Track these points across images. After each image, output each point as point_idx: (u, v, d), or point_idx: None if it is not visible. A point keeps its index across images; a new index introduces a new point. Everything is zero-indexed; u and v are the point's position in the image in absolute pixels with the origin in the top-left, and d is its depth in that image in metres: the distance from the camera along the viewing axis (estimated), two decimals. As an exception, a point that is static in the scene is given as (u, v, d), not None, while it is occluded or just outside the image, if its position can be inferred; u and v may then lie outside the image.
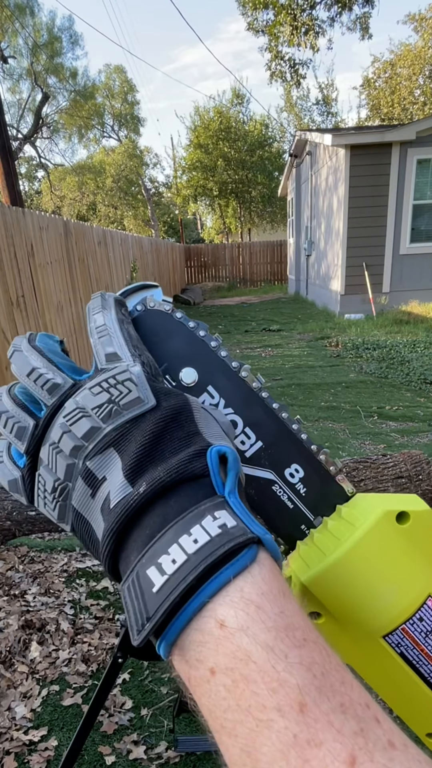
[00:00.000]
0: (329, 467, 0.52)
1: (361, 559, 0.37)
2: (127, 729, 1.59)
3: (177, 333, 0.53)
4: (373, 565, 0.37)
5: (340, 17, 11.40)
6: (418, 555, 0.37)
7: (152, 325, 0.53)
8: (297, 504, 0.52)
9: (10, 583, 2.24)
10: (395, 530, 0.38)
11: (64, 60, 20.70)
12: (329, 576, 0.37)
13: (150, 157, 27.43)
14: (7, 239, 3.81)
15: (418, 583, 0.37)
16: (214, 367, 0.53)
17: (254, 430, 0.53)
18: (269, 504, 0.52)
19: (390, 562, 0.37)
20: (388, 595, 0.37)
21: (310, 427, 4.13)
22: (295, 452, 0.53)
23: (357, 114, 30.12)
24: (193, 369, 0.52)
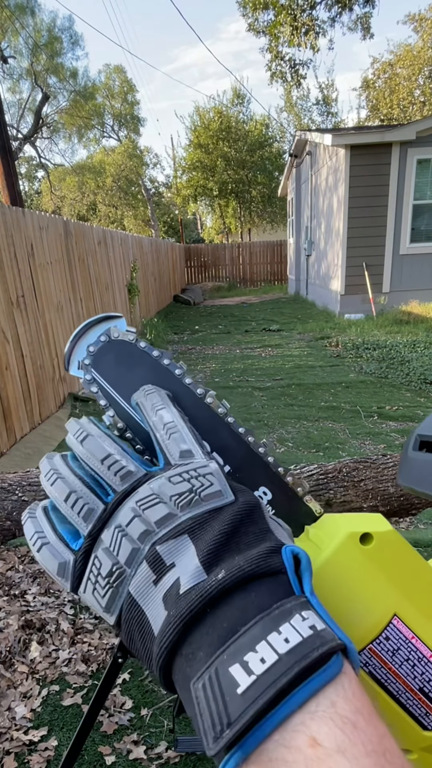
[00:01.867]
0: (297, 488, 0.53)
1: (326, 581, 0.37)
2: (127, 729, 1.59)
3: (141, 362, 0.54)
4: (338, 587, 0.37)
5: (340, 17, 11.41)
6: (382, 575, 0.38)
7: (117, 354, 0.54)
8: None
9: (10, 583, 2.24)
10: (359, 552, 0.38)
11: (64, 60, 20.72)
12: None
13: (150, 157, 27.45)
14: (7, 239, 3.81)
15: (384, 603, 0.37)
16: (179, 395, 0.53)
17: (221, 455, 0.53)
18: None
19: (355, 584, 0.38)
20: (354, 616, 0.37)
21: (310, 427, 4.13)
22: (263, 475, 0.53)
23: (357, 114, 30.12)
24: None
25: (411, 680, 0.38)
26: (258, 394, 5.21)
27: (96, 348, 0.54)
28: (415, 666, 0.38)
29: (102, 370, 0.54)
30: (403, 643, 0.38)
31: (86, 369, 0.54)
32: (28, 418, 4.10)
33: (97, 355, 0.54)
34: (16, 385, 3.87)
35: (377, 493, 1.62)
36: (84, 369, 0.54)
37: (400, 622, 0.38)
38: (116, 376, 0.53)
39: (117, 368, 0.53)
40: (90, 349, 0.54)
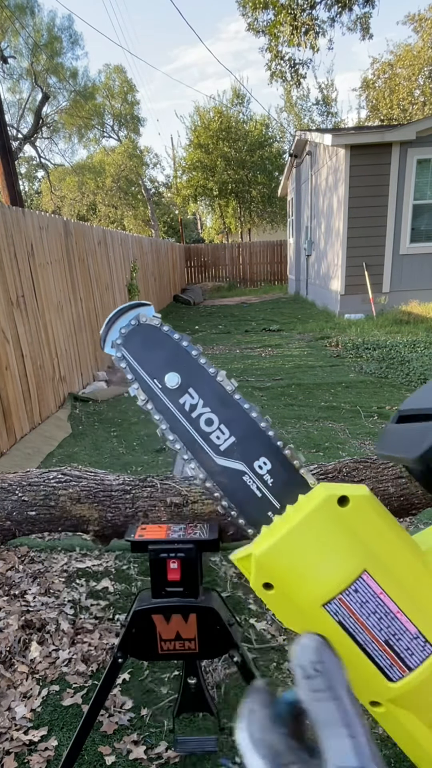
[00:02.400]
0: (293, 461, 0.58)
1: (303, 537, 0.42)
2: (127, 729, 1.59)
3: (164, 343, 0.62)
4: (315, 543, 0.41)
5: (340, 17, 11.40)
6: (355, 535, 0.41)
7: (144, 336, 0.63)
8: (265, 493, 0.58)
9: (10, 583, 2.24)
10: (336, 512, 0.42)
11: (64, 60, 20.71)
12: (276, 552, 0.42)
13: (150, 157, 27.43)
14: (7, 239, 3.81)
15: (355, 559, 0.41)
16: (194, 373, 0.61)
17: (228, 427, 0.60)
18: (241, 492, 0.59)
19: (329, 540, 0.41)
20: (327, 569, 0.41)
21: (310, 427, 4.13)
22: (264, 447, 0.60)
23: (357, 114, 30.13)
24: (177, 373, 0.61)
25: (377, 632, 0.41)
26: (258, 394, 5.21)
27: (127, 330, 0.62)
28: (381, 619, 0.41)
29: (131, 349, 0.62)
30: (371, 597, 0.41)
31: (118, 348, 0.63)
32: (28, 418, 4.10)
33: (128, 336, 0.62)
34: (16, 385, 3.87)
35: (377, 493, 1.62)
36: (116, 348, 0.63)
37: (369, 578, 0.41)
38: (142, 355, 0.62)
39: (143, 348, 0.62)
40: (122, 331, 0.63)
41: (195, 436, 0.61)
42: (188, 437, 0.61)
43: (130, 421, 4.60)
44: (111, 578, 2.31)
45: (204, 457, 0.60)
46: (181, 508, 1.15)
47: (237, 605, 2.12)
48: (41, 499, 1.66)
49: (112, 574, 2.34)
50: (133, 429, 4.39)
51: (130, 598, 2.17)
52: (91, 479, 1.29)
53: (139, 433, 4.29)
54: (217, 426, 0.60)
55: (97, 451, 3.93)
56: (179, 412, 0.61)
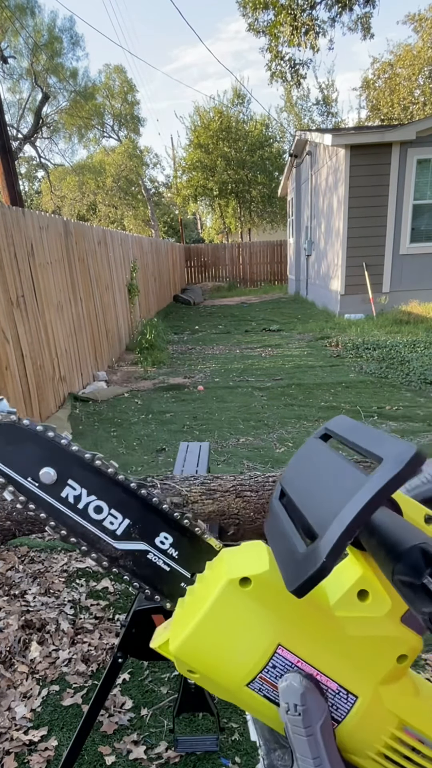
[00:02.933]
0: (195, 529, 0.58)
1: (212, 626, 0.42)
2: (127, 729, 1.59)
3: (27, 438, 0.58)
4: (225, 629, 0.42)
5: (340, 17, 11.39)
6: (263, 611, 0.42)
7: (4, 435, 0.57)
8: (172, 566, 0.58)
9: (10, 583, 2.24)
10: (239, 594, 0.42)
11: (64, 60, 20.69)
12: (190, 645, 0.43)
13: (150, 157, 27.42)
14: (7, 239, 3.81)
15: (267, 636, 0.42)
16: (69, 462, 0.58)
17: (120, 510, 0.58)
18: (148, 571, 0.58)
19: (239, 623, 0.42)
20: (242, 651, 0.42)
21: (310, 427, 4.13)
22: (161, 522, 0.59)
23: (357, 114, 30.13)
24: (51, 468, 0.57)
25: None
26: (258, 394, 5.21)
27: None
28: None
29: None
30: (289, 667, 0.43)
31: None
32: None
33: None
34: (16, 385, 3.87)
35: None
36: None
37: (284, 650, 0.42)
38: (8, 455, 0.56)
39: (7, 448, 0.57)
40: None
41: (87, 526, 0.58)
42: (80, 529, 0.58)
43: (130, 421, 4.60)
44: (111, 578, 2.31)
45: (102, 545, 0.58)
46: (181, 508, 1.15)
47: (237, 605, 2.11)
48: (41, 499, 1.66)
49: (112, 575, 2.34)
50: (133, 429, 4.39)
51: (130, 598, 2.17)
52: (91, 479, 1.30)
53: (139, 433, 4.29)
54: (107, 512, 0.58)
55: (97, 451, 3.92)
56: (64, 506, 0.57)
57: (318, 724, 0.39)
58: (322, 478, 0.44)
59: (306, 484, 0.46)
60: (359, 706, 0.42)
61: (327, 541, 0.37)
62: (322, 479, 0.43)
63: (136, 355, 7.49)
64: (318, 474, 0.45)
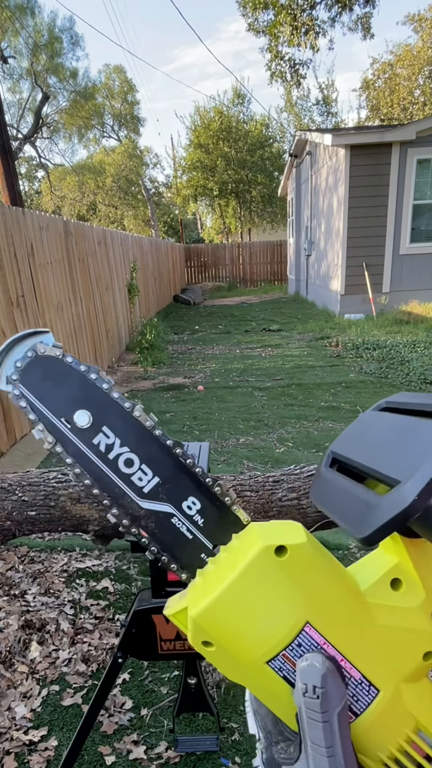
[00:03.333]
0: (224, 498, 0.55)
1: (241, 593, 0.40)
2: (127, 729, 1.59)
3: (69, 377, 0.55)
4: (253, 599, 0.40)
5: (340, 17, 11.39)
6: (295, 585, 0.40)
7: (44, 369, 0.54)
8: (196, 534, 0.55)
9: (10, 583, 2.24)
10: (273, 563, 0.40)
11: (64, 60, 20.69)
12: (213, 611, 0.40)
13: (150, 157, 27.42)
14: (7, 239, 3.81)
15: (296, 612, 0.40)
16: (107, 409, 0.55)
17: (151, 467, 0.55)
18: (170, 536, 0.55)
19: (269, 595, 0.40)
20: (268, 625, 0.40)
21: (310, 427, 4.13)
22: (191, 486, 0.55)
23: (357, 114, 30.12)
24: (87, 411, 0.54)
25: None
26: (258, 394, 5.21)
27: (23, 363, 0.54)
28: None
29: (30, 385, 0.54)
30: (314, 648, 0.40)
31: (14, 384, 0.54)
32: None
33: (25, 370, 0.54)
34: (16, 385, 3.87)
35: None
36: (12, 384, 0.55)
37: (312, 629, 0.40)
38: (44, 391, 0.54)
39: (45, 383, 0.54)
40: (17, 365, 0.54)
41: (114, 478, 0.55)
42: (106, 481, 0.55)
43: (130, 421, 4.60)
44: (111, 578, 2.31)
45: (126, 502, 0.55)
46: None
47: (237, 605, 2.11)
48: (41, 499, 1.67)
49: (112, 574, 2.34)
50: (133, 429, 4.39)
51: (130, 598, 2.17)
52: (91, 479, 1.30)
53: (139, 433, 4.29)
54: (138, 467, 0.55)
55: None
56: (94, 454, 0.54)
57: (336, 710, 0.37)
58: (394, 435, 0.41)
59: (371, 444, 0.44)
60: (380, 700, 0.40)
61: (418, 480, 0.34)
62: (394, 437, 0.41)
63: (136, 355, 7.49)
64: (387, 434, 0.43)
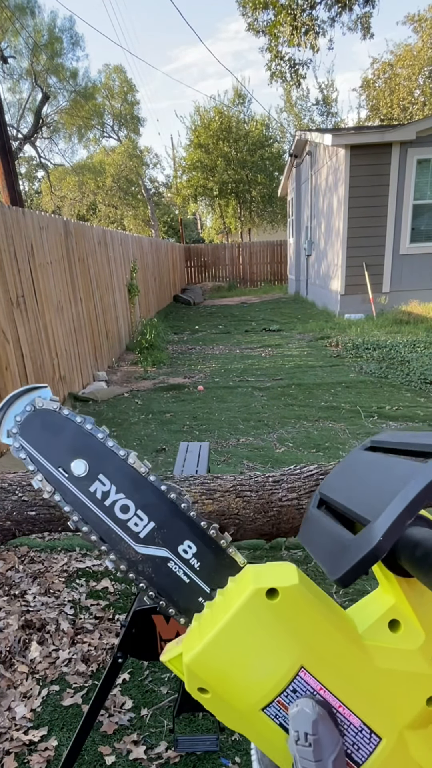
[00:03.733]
0: (220, 541, 0.56)
1: (232, 638, 0.39)
2: (127, 729, 1.59)
3: (65, 428, 0.58)
4: (246, 643, 0.39)
5: (340, 17, 11.38)
6: (288, 628, 0.39)
7: (43, 422, 0.58)
8: (192, 578, 0.55)
9: (10, 583, 2.24)
10: (264, 606, 0.39)
11: (64, 60, 20.69)
12: (206, 657, 0.39)
13: (150, 157, 27.42)
14: (7, 239, 3.81)
15: (290, 656, 0.38)
16: (102, 457, 0.57)
17: (146, 512, 0.56)
18: (167, 580, 0.55)
19: (261, 638, 0.39)
20: (262, 670, 0.38)
21: (310, 427, 4.13)
22: (187, 529, 0.56)
23: (357, 114, 30.10)
24: (83, 460, 0.56)
25: None
26: (258, 394, 5.21)
27: (23, 417, 0.57)
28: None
29: (29, 437, 0.57)
30: (310, 694, 0.39)
31: (14, 437, 0.57)
32: (28, 418, 4.10)
33: (24, 424, 0.57)
34: (16, 385, 3.87)
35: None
36: (12, 437, 0.58)
37: (307, 674, 0.38)
38: (42, 443, 0.56)
39: (43, 435, 0.57)
40: (17, 419, 0.57)
41: (110, 525, 0.56)
42: (103, 527, 0.56)
43: (130, 421, 4.60)
44: (111, 578, 2.31)
45: (123, 547, 0.56)
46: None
47: (237, 605, 2.11)
48: (41, 499, 1.67)
49: (112, 574, 2.34)
50: (133, 429, 4.39)
51: (130, 598, 2.17)
52: (91, 479, 1.30)
53: (139, 433, 4.29)
54: (134, 512, 0.56)
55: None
56: (91, 501, 0.56)
57: (330, 758, 0.35)
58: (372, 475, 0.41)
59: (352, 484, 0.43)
60: (382, 749, 0.38)
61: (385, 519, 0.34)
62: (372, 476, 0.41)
63: (136, 355, 7.49)
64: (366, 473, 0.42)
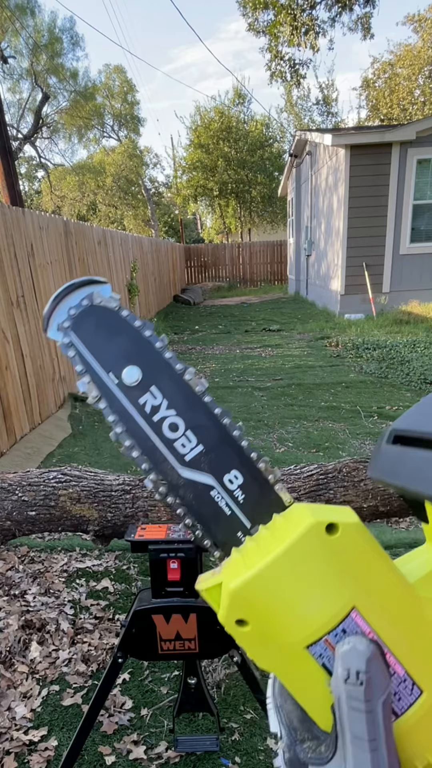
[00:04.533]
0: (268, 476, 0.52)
1: (288, 569, 0.37)
2: (127, 729, 1.59)
3: (122, 331, 0.52)
4: (300, 576, 0.37)
5: (340, 17, 11.38)
6: (344, 567, 0.37)
7: (98, 321, 0.52)
8: (234, 511, 0.51)
9: (10, 583, 2.24)
10: (323, 541, 0.37)
11: (64, 61, 20.69)
12: (255, 585, 0.37)
13: (150, 157, 27.41)
14: (7, 239, 3.81)
15: (344, 595, 0.37)
16: (158, 368, 0.52)
17: (196, 434, 0.52)
18: (207, 509, 0.51)
19: (316, 573, 0.37)
20: (313, 606, 0.37)
21: (310, 427, 4.13)
22: (236, 458, 0.53)
23: (357, 114, 30.10)
24: (137, 368, 0.51)
25: None
26: (258, 394, 5.21)
27: (77, 311, 0.51)
28: None
29: (81, 334, 0.51)
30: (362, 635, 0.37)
31: (65, 332, 0.51)
32: (28, 418, 4.10)
33: (78, 318, 0.51)
34: (16, 385, 3.87)
35: (377, 493, 1.62)
36: (63, 332, 0.51)
37: (358, 616, 0.37)
38: (96, 343, 0.51)
39: (97, 335, 0.51)
40: (71, 312, 0.51)
41: (156, 442, 0.52)
42: (148, 444, 0.52)
43: (130, 421, 4.59)
44: (111, 578, 2.31)
45: (166, 468, 0.52)
46: (181, 508, 1.15)
47: (237, 605, 2.11)
48: (41, 499, 1.67)
49: (112, 574, 2.34)
50: (133, 429, 4.39)
51: (130, 598, 2.17)
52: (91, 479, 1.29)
53: (139, 433, 4.29)
54: (182, 432, 0.52)
55: (97, 451, 3.93)
56: (138, 414, 0.51)
57: (380, 699, 0.34)
58: None
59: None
60: (423, 702, 0.37)
61: None
62: None
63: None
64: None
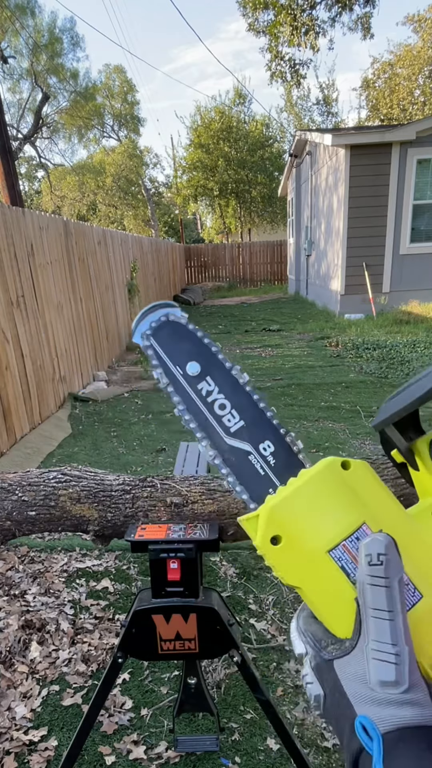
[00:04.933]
0: (293, 447, 0.67)
1: (311, 492, 0.49)
2: (127, 729, 1.59)
3: (188, 337, 0.73)
4: (321, 497, 0.49)
5: (340, 17, 11.38)
6: (355, 493, 0.49)
7: (171, 331, 0.73)
8: (267, 472, 0.66)
9: (10, 583, 2.24)
10: (339, 474, 0.50)
11: (65, 61, 20.69)
12: (286, 504, 0.49)
13: (150, 157, 27.41)
14: (7, 239, 3.81)
15: (356, 513, 0.48)
16: (212, 364, 0.71)
17: (238, 412, 0.69)
18: (246, 470, 0.67)
19: (334, 496, 0.49)
20: (333, 520, 0.48)
21: (310, 427, 4.13)
22: (269, 432, 0.69)
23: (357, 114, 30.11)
24: (198, 363, 0.71)
25: None
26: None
27: (157, 324, 0.72)
28: None
29: (159, 339, 0.72)
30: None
31: (147, 338, 0.71)
32: (28, 418, 4.10)
33: (157, 329, 0.71)
34: (16, 385, 3.87)
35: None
36: (145, 338, 0.71)
37: (368, 529, 0.47)
38: (168, 346, 0.71)
39: (169, 340, 0.72)
40: (152, 324, 0.72)
41: (209, 417, 0.70)
42: (202, 418, 0.70)
43: (130, 421, 4.59)
44: (111, 578, 2.31)
45: (215, 437, 0.69)
46: (181, 508, 1.15)
47: (237, 605, 2.12)
48: (41, 499, 1.66)
49: (112, 574, 2.34)
50: (133, 429, 4.39)
51: (130, 598, 2.17)
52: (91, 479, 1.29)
53: (139, 433, 4.29)
54: (229, 410, 0.69)
55: (97, 451, 3.93)
56: (196, 396, 0.70)
57: (396, 578, 0.41)
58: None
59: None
60: (423, 603, 0.47)
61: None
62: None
63: (136, 355, 7.48)
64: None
